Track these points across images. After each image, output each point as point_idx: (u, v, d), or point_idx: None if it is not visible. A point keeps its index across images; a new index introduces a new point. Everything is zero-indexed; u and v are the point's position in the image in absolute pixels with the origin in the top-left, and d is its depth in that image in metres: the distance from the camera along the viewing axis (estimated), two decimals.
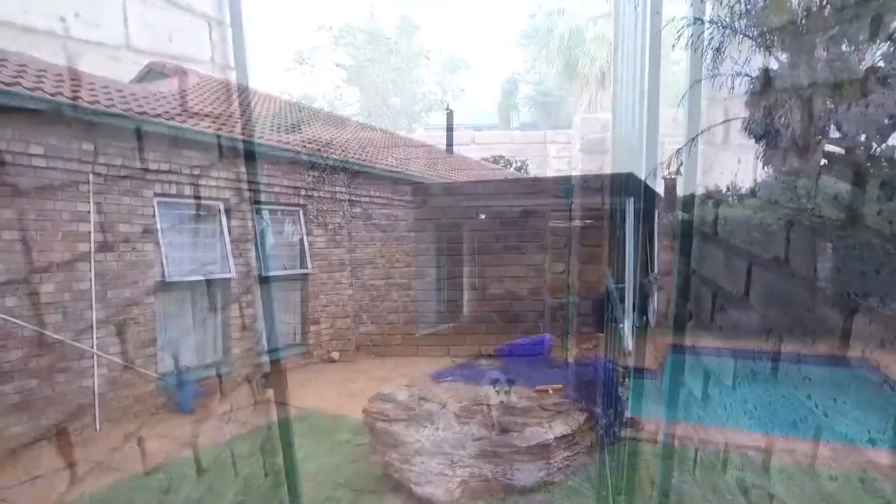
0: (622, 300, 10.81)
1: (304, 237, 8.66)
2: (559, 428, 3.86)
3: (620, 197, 9.53)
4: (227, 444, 5.40)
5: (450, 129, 18.54)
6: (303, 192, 8.57)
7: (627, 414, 5.09)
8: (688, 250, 10.58)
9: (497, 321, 13.17)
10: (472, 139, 23.43)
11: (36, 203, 5.40)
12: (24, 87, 5.20)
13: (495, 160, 56.23)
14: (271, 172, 7.99)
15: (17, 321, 5.21)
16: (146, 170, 6.36)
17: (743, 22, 8.85)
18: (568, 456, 3.92)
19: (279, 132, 8.74)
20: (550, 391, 4.32)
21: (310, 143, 9.06)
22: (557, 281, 13.11)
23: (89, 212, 5.84)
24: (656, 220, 12.99)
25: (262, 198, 7.91)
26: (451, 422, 3.86)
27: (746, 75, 9.35)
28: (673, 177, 12.30)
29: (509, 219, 14.58)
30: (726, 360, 6.98)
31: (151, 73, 11.75)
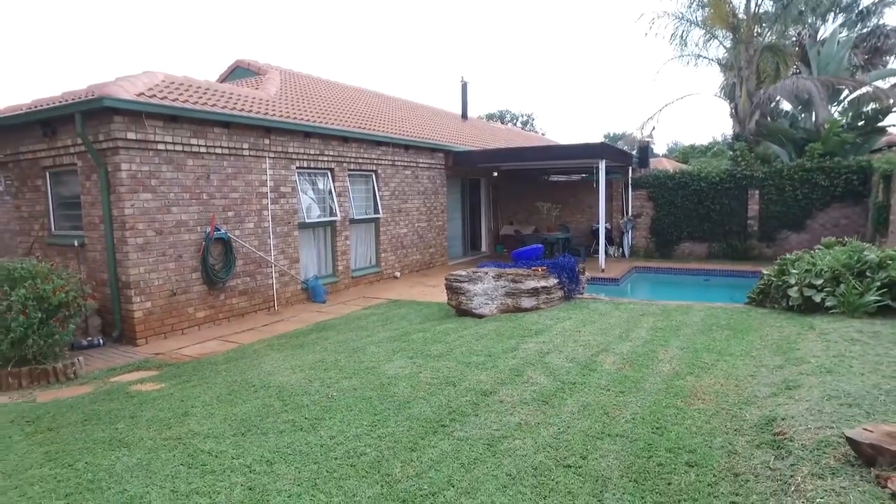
0: (598, 236, 15.06)
1: (376, 192, 12.67)
2: (542, 282, 7.96)
3: (597, 160, 13.49)
4: (359, 312, 9.55)
5: (464, 99, 22.07)
6: (375, 162, 12.53)
7: (584, 287, 9.21)
8: (654, 197, 16.46)
9: (507, 255, 17.26)
10: None
11: (248, 176, 9.42)
12: (237, 111, 9.16)
13: (501, 117, 58.88)
14: (357, 149, 11.93)
15: (242, 242, 9.32)
16: (292, 152, 10.32)
17: (698, 15, 14.49)
18: (547, 297, 8.04)
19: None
20: (539, 270, 8.38)
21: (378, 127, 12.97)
22: (555, 222, 17.21)
23: (267, 180, 9.86)
24: (630, 175, 17.83)
25: (352, 166, 11.88)
26: (490, 280, 7.96)
27: (704, 57, 15.25)
28: (647, 139, 17.84)
29: (517, 175, 18.58)
30: (665, 274, 12.88)
31: (238, 69, 15.52)
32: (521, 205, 18.71)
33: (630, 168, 16.48)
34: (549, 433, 3.92)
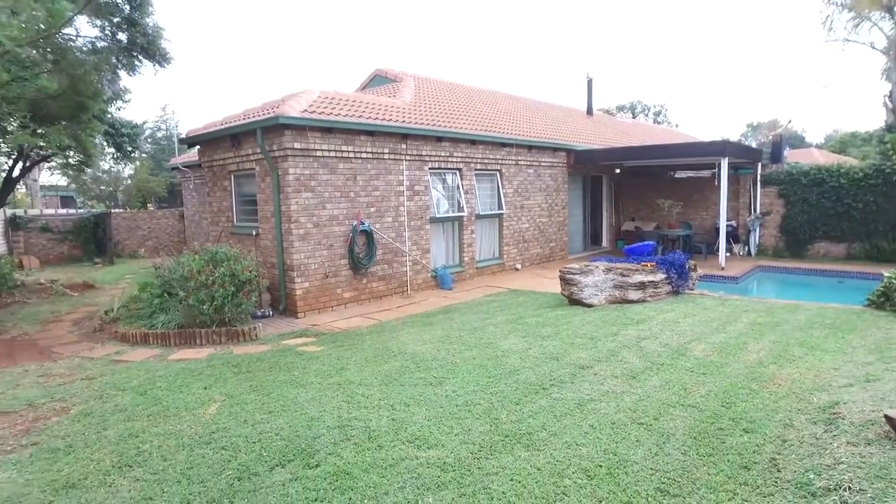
0: (719, 234, 14.99)
1: (500, 190, 13.67)
2: (649, 277, 8.51)
3: (719, 157, 13.47)
4: (481, 298, 10.63)
5: (590, 95, 22.35)
6: (500, 161, 13.54)
7: (694, 283, 9.57)
8: (785, 194, 16.40)
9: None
10: None
11: (387, 176, 10.85)
12: (379, 120, 10.57)
13: (632, 108, 57.09)
14: (483, 150, 13.01)
15: (382, 234, 10.77)
16: (425, 154, 11.61)
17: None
18: (654, 291, 8.58)
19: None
20: (648, 265, 8.92)
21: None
22: (676, 218, 17.17)
23: (403, 179, 11.23)
24: (759, 172, 17.54)
25: (478, 166, 12.98)
26: (600, 273, 8.66)
27: (854, 41, 15.20)
28: (780, 133, 17.71)
29: (640, 171, 18.68)
30: (793, 274, 13.02)
31: (377, 77, 17.12)
32: (643, 201, 18.79)
33: (760, 164, 16.03)
34: (630, 400, 4.71)
